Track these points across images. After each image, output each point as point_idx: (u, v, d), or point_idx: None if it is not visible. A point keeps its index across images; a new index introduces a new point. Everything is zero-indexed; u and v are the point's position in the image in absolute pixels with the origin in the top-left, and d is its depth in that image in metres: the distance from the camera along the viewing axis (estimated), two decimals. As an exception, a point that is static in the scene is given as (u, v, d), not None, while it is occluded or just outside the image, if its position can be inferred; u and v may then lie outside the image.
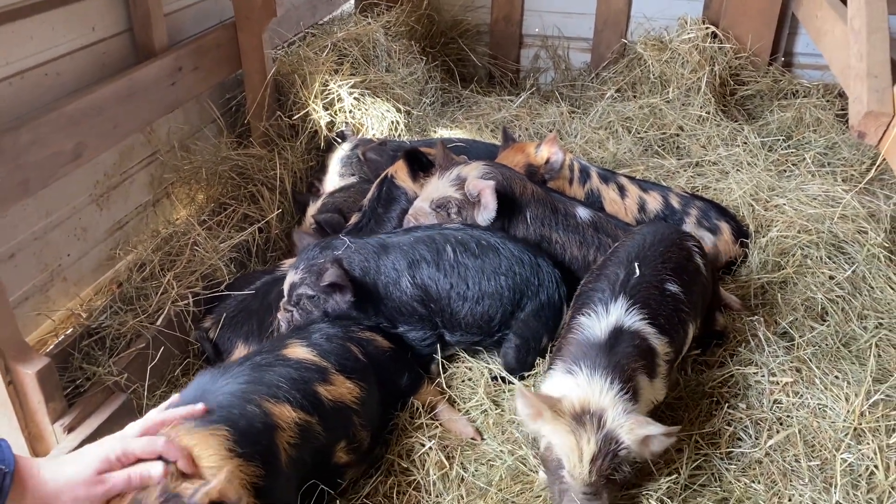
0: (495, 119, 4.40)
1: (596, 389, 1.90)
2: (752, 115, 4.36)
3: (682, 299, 2.23)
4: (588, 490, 1.84)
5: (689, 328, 2.27)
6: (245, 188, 3.32)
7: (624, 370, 1.95)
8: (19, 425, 2.13)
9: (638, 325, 2.08)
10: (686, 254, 2.39)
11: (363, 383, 2.10)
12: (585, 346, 2.03)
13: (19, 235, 2.46)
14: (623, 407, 1.87)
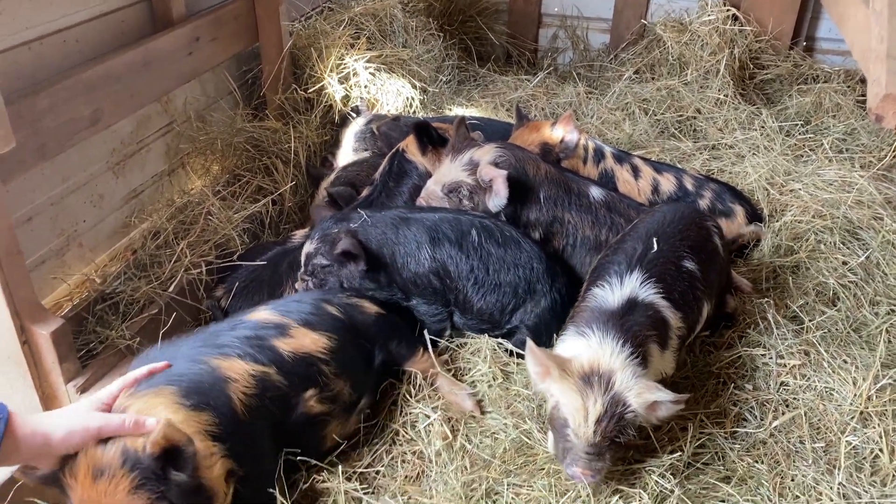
0: (511, 98, 4.38)
1: (606, 352, 1.92)
2: (771, 100, 4.32)
3: (698, 277, 2.23)
4: (591, 450, 1.86)
5: (704, 306, 2.28)
6: (259, 160, 3.34)
7: (636, 336, 1.97)
8: (34, 384, 2.18)
9: (652, 297, 2.09)
10: (705, 233, 2.39)
11: (334, 335, 2.10)
12: (598, 312, 2.06)
13: (36, 199, 2.49)
14: (632, 371, 1.89)
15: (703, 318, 2.31)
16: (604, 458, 1.88)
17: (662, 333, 2.08)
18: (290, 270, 2.73)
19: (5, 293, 2.05)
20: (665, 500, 1.96)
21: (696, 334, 2.35)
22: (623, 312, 2.05)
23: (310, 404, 1.98)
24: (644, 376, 1.92)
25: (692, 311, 2.20)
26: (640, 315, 2.05)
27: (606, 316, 2.04)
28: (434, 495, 2.00)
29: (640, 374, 1.92)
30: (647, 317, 2.06)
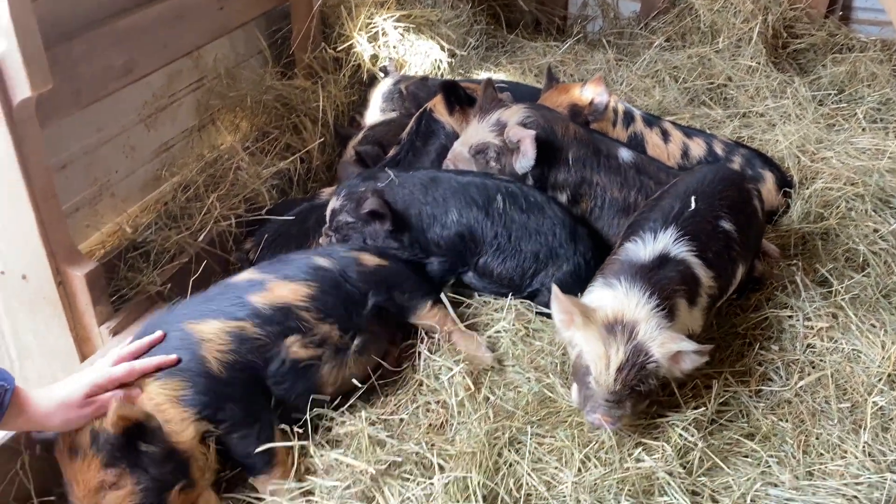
0: (540, 64, 4.35)
1: (632, 302, 1.93)
2: (804, 69, 4.25)
3: (734, 238, 2.22)
4: (611, 398, 1.89)
5: (739, 268, 2.27)
6: (288, 118, 3.36)
7: (664, 290, 1.98)
8: (68, 326, 2.23)
9: (685, 254, 2.09)
10: (745, 195, 2.38)
11: (314, 283, 2.11)
12: (628, 265, 2.06)
13: (71, 147, 2.53)
14: (657, 322, 1.90)
15: (737, 280, 2.30)
16: (624, 406, 1.90)
17: (692, 290, 2.08)
18: (317, 226, 2.74)
19: (41, 234, 2.09)
20: (688, 452, 1.97)
21: (728, 296, 2.34)
22: (653, 266, 2.05)
23: (293, 350, 2.00)
24: (669, 329, 1.93)
25: (725, 271, 2.19)
26: (670, 270, 2.05)
27: (636, 269, 2.04)
28: (457, 443, 2.02)
29: (665, 325, 1.93)
30: (677, 272, 2.06)
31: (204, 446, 1.84)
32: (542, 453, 2.00)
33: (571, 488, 1.87)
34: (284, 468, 1.93)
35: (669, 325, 1.95)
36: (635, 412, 1.99)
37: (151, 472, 1.73)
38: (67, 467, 1.75)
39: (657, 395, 2.07)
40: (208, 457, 1.85)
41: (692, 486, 1.91)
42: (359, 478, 1.89)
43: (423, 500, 1.83)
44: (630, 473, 1.89)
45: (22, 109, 1.94)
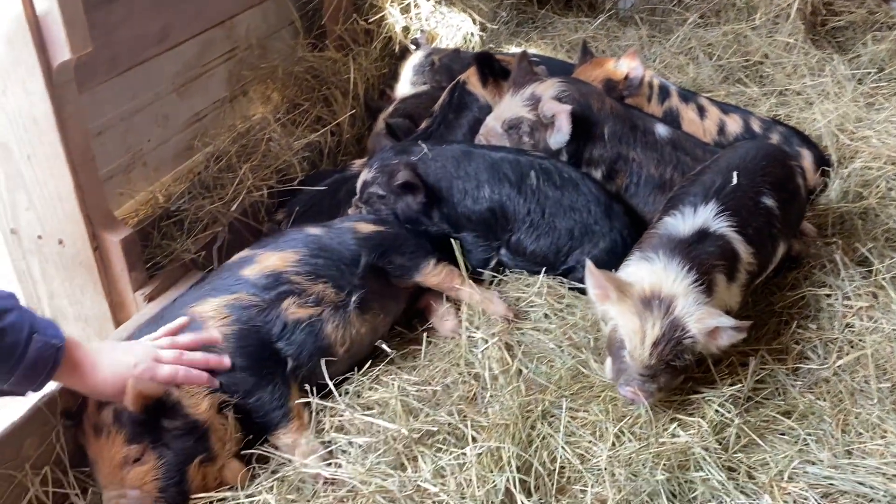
0: (571, 40, 4.29)
1: (670, 276, 1.91)
2: (843, 47, 4.15)
3: (776, 215, 2.19)
4: (646, 372, 1.88)
5: (780, 246, 2.24)
6: (319, 90, 3.35)
7: (702, 264, 1.95)
8: (103, 291, 2.24)
9: (725, 230, 2.06)
10: (789, 172, 2.34)
11: (303, 248, 2.15)
12: (666, 239, 2.04)
13: (106, 115, 2.53)
14: (695, 297, 1.88)
15: (777, 258, 2.26)
16: (658, 380, 1.90)
17: (731, 265, 2.05)
18: (348, 197, 2.73)
19: (79, 199, 2.10)
20: (724, 429, 1.95)
21: (767, 274, 2.30)
22: (692, 241, 2.02)
23: (291, 311, 2.03)
24: (707, 304, 1.90)
25: (765, 247, 2.16)
26: (709, 245, 2.03)
27: (674, 243, 2.02)
28: (490, 415, 2.01)
29: (703, 301, 1.90)
30: (717, 247, 2.03)
31: (222, 416, 1.88)
32: (575, 427, 1.99)
33: (606, 462, 1.86)
34: (301, 422, 1.97)
35: (707, 300, 1.92)
36: (669, 387, 1.98)
37: (173, 446, 1.78)
38: (92, 445, 1.80)
39: (692, 370, 2.05)
40: (227, 427, 1.88)
41: (728, 461, 1.89)
42: (391, 443, 1.90)
43: (457, 469, 1.83)
44: (665, 448, 1.87)
45: (61, 72, 1.94)
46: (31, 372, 1.62)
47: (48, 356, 1.63)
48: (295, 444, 1.94)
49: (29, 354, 1.60)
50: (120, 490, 1.74)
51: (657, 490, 1.77)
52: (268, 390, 1.93)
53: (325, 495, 1.82)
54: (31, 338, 1.60)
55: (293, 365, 2.02)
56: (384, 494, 1.77)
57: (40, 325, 1.64)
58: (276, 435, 1.95)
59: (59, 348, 1.65)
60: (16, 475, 1.80)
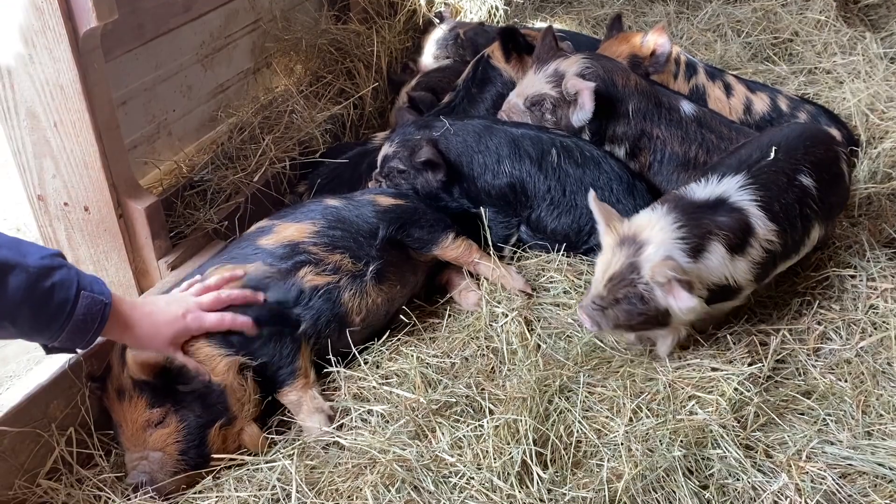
0: (596, 15, 4.24)
1: (656, 226, 1.98)
2: (876, 26, 4.06)
3: (812, 195, 2.15)
4: (598, 302, 2.00)
5: (814, 228, 2.20)
6: (342, 63, 3.34)
7: (700, 227, 1.99)
8: (128, 258, 2.27)
9: (745, 203, 2.05)
10: (833, 155, 2.29)
11: (320, 220, 2.19)
12: (679, 198, 2.08)
13: (130, 84, 2.55)
14: (671, 252, 1.93)
15: (811, 240, 2.22)
16: (607, 314, 1.99)
17: (739, 238, 2.03)
18: (369, 170, 2.74)
19: (104, 166, 2.12)
20: (743, 407, 1.94)
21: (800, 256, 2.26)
22: (703, 205, 2.05)
23: (308, 278, 2.06)
24: (688, 264, 1.94)
25: (794, 227, 2.12)
26: (721, 213, 2.04)
27: (684, 202, 2.06)
28: (508, 388, 2.02)
29: (683, 258, 1.94)
30: (729, 217, 2.03)
31: (241, 378, 1.91)
32: (592, 402, 2.00)
33: (623, 437, 1.86)
34: (307, 380, 2.01)
35: (688, 260, 1.95)
36: (622, 327, 2.04)
37: (195, 409, 1.83)
38: (116, 409, 1.85)
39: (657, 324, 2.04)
40: (246, 388, 1.91)
41: (746, 440, 1.88)
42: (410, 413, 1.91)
43: (474, 441, 1.84)
44: (683, 425, 1.87)
45: (88, 39, 1.95)
46: (80, 328, 1.64)
47: (96, 312, 1.65)
48: (300, 402, 1.98)
49: (78, 310, 1.62)
50: (142, 452, 1.78)
51: (674, 466, 1.77)
52: (277, 348, 1.97)
53: (344, 462, 1.85)
54: (80, 294, 1.62)
55: (307, 327, 2.04)
56: (401, 463, 1.79)
57: (87, 282, 1.66)
58: (282, 392, 1.99)
59: (107, 304, 1.67)
60: (42, 434, 1.84)
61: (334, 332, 2.10)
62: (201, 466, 1.83)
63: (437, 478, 1.76)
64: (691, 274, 1.94)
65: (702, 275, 1.98)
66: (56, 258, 1.64)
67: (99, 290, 1.68)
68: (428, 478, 1.75)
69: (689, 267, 1.95)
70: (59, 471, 1.88)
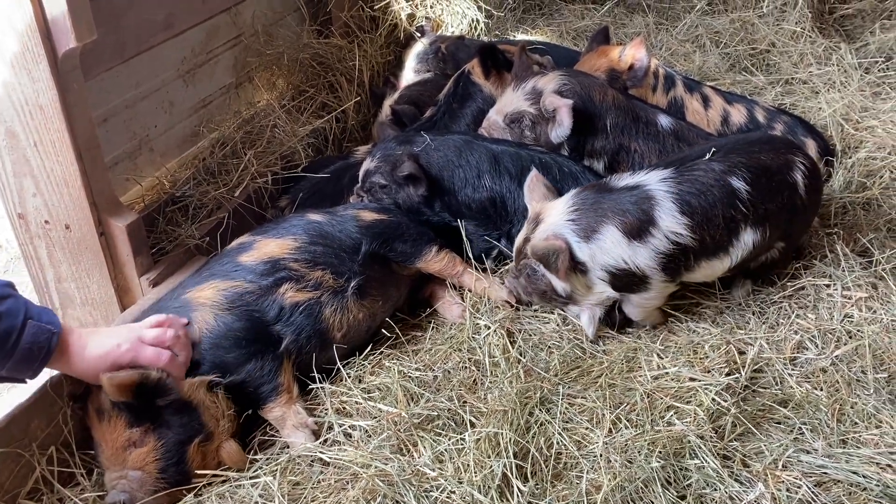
0: (577, 27, 4.29)
1: (555, 207, 2.19)
2: (851, 36, 4.12)
3: (743, 198, 2.15)
4: (514, 272, 2.29)
5: (742, 232, 2.19)
6: (324, 77, 3.36)
7: (597, 212, 2.13)
8: (109, 276, 2.27)
9: (658, 194, 2.12)
10: (783, 163, 2.26)
11: (302, 236, 2.20)
12: (594, 184, 2.26)
13: (112, 101, 2.56)
14: (561, 231, 2.13)
15: (744, 244, 2.20)
16: (520, 282, 2.26)
17: (640, 226, 2.11)
18: (351, 184, 2.76)
19: (84, 185, 2.13)
20: (720, 417, 1.97)
21: (738, 259, 2.24)
22: (612, 192, 2.17)
23: (289, 295, 2.08)
24: (578, 244, 2.12)
25: (711, 225, 2.14)
26: (624, 199, 2.13)
27: (594, 188, 2.21)
28: (489, 401, 2.04)
29: (573, 238, 2.13)
30: (632, 204, 2.12)
31: (212, 395, 1.92)
32: (573, 413, 2.02)
33: (602, 448, 1.88)
34: (290, 396, 2.02)
35: (579, 240, 2.12)
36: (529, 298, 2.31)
37: (173, 427, 1.83)
38: (96, 429, 1.85)
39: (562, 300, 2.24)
40: (219, 405, 1.92)
41: (723, 450, 1.91)
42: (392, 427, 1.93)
43: (456, 455, 1.86)
44: (661, 435, 1.90)
45: (67, 60, 1.96)
46: (27, 357, 1.65)
47: (43, 341, 1.67)
48: (284, 418, 1.99)
49: (24, 340, 1.64)
50: (122, 471, 1.78)
51: (652, 477, 1.79)
52: (258, 365, 1.98)
53: (326, 478, 1.86)
54: (26, 323, 1.64)
55: (289, 343, 2.05)
56: (383, 478, 1.80)
57: (35, 312, 1.68)
58: (265, 409, 2.00)
59: (55, 333, 1.69)
60: (23, 454, 1.84)
61: (315, 347, 2.11)
62: (182, 484, 1.83)
63: (419, 492, 1.77)
64: (584, 254, 2.12)
65: (595, 256, 2.12)
66: (4, 288, 1.66)
67: (48, 319, 1.69)
68: (409, 492, 1.76)
69: (579, 247, 2.12)
70: (39, 490, 1.87)
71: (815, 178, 2.35)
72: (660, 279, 2.18)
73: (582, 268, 2.15)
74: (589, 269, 2.15)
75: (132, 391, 1.78)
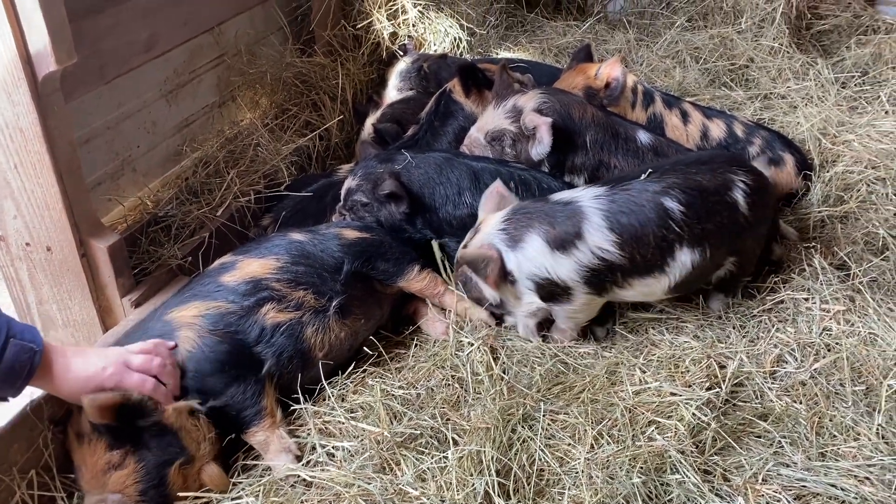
0: (559, 44, 4.33)
1: (493, 218, 2.27)
2: (828, 51, 4.19)
3: (676, 218, 2.17)
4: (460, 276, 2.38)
5: (677, 252, 2.19)
6: (307, 96, 3.38)
7: (525, 222, 2.21)
8: (91, 297, 2.27)
9: (589, 210, 2.17)
10: (720, 182, 2.25)
11: (283, 256, 2.20)
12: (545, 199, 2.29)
13: (94, 122, 2.56)
14: (492, 240, 2.22)
15: (680, 263, 2.21)
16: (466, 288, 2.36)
17: (564, 237, 2.16)
18: (334, 202, 2.77)
19: (66, 207, 2.13)
20: (701, 432, 1.98)
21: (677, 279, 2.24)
22: (545, 204, 2.24)
23: (270, 315, 2.08)
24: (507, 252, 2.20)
25: (642, 244, 2.16)
26: (556, 211, 2.20)
27: (530, 203, 2.29)
28: (472, 418, 2.04)
29: (503, 246, 2.21)
30: (561, 215, 2.18)
31: (194, 419, 1.91)
32: (555, 430, 2.03)
33: (584, 465, 1.89)
34: (273, 420, 2.01)
35: (507, 248, 2.20)
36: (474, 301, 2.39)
37: (153, 449, 1.82)
38: (76, 452, 1.84)
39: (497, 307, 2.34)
40: (200, 428, 1.91)
41: (704, 464, 1.92)
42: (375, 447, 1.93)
43: (438, 473, 1.86)
44: (642, 451, 1.91)
45: (47, 83, 1.97)
46: (8, 375, 1.65)
47: (25, 360, 1.66)
48: (267, 442, 1.98)
49: (6, 358, 1.63)
50: (101, 494, 1.77)
51: (633, 493, 1.80)
52: (240, 389, 1.97)
53: (309, 499, 1.86)
54: (9, 342, 1.64)
55: (271, 365, 2.05)
56: (366, 498, 1.80)
57: (17, 330, 1.67)
58: (248, 433, 1.99)
59: (37, 352, 1.68)
60: (3, 478, 1.83)
61: (298, 367, 2.11)
62: (164, 507, 1.83)
63: (401, 511, 1.78)
64: (511, 263, 2.20)
65: (521, 264, 2.20)
66: None
67: (30, 338, 1.69)
68: (392, 512, 1.77)
69: (507, 256, 2.20)
70: (20, 514, 1.86)
71: (760, 194, 2.32)
72: (583, 291, 2.22)
73: (511, 278, 2.22)
74: (517, 278, 2.22)
75: (113, 413, 1.77)
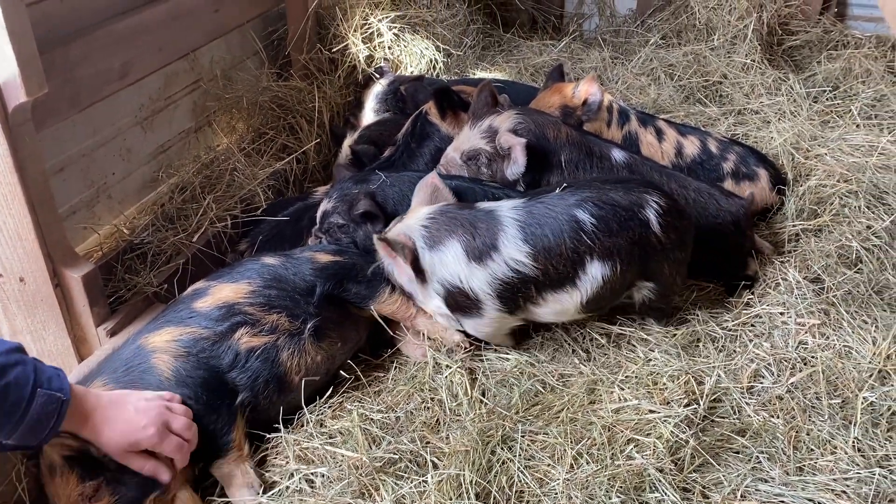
0: (536, 63, 4.37)
1: (418, 212, 2.30)
2: (799, 66, 4.25)
3: (588, 231, 2.19)
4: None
5: (588, 264, 2.21)
6: (284, 119, 3.38)
7: (448, 225, 2.23)
8: (66, 327, 2.25)
9: (505, 220, 2.22)
10: (634, 200, 2.27)
11: (256, 280, 2.20)
12: (473, 205, 2.33)
13: (68, 150, 2.56)
14: (411, 233, 2.24)
15: (592, 277, 2.22)
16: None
17: (479, 246, 2.20)
18: (311, 225, 2.76)
19: (38, 238, 2.11)
20: (679, 449, 1.99)
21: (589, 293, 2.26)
22: (470, 210, 2.28)
23: (244, 340, 2.07)
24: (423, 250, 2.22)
25: (554, 255, 2.19)
26: (478, 220, 2.23)
27: (460, 208, 2.30)
28: (451, 441, 2.04)
29: (420, 243, 2.23)
30: (481, 225, 2.21)
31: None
32: (534, 450, 2.03)
33: (563, 485, 1.89)
34: (240, 453, 1.99)
35: (424, 246, 2.22)
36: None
37: (126, 481, 1.81)
38: (49, 485, 1.81)
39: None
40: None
41: (683, 482, 1.93)
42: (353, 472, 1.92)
43: (417, 498, 1.85)
44: (621, 470, 1.91)
45: (17, 114, 1.96)
46: (36, 426, 1.60)
47: (52, 410, 1.62)
48: (231, 475, 1.97)
49: (33, 410, 1.58)
50: None
51: (612, 512, 1.80)
52: (211, 420, 1.96)
53: (286, 527, 1.84)
54: (35, 392, 1.59)
55: (246, 396, 2.04)
56: (344, 525, 1.79)
57: (45, 378, 1.62)
58: (215, 465, 1.98)
59: (65, 401, 1.64)
60: (-24, 515, 1.81)
61: (273, 392, 2.09)
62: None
63: (380, 538, 1.77)
64: (426, 262, 2.22)
65: (435, 266, 2.22)
66: (13, 354, 1.60)
67: (58, 386, 1.64)
68: (370, 539, 1.75)
69: (423, 253, 2.22)
70: (-7, 550, 1.84)
71: (674, 217, 2.31)
72: (494, 307, 2.23)
73: (422, 277, 2.24)
74: (428, 279, 2.24)
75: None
